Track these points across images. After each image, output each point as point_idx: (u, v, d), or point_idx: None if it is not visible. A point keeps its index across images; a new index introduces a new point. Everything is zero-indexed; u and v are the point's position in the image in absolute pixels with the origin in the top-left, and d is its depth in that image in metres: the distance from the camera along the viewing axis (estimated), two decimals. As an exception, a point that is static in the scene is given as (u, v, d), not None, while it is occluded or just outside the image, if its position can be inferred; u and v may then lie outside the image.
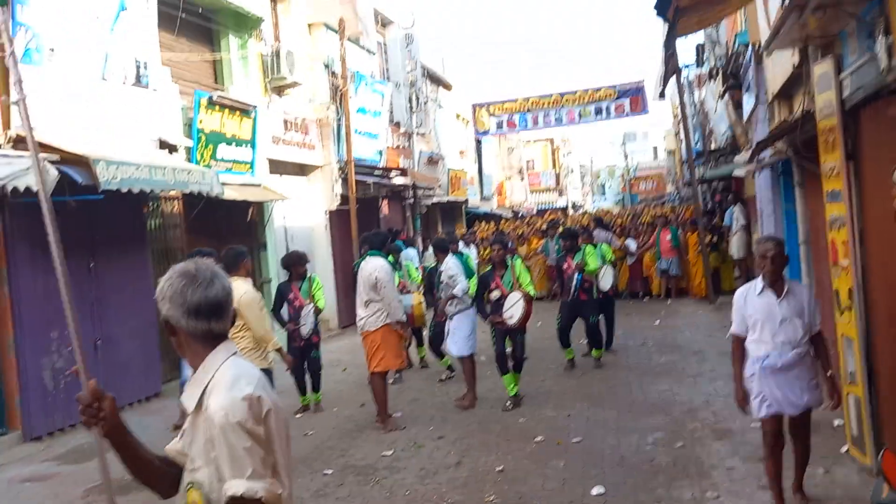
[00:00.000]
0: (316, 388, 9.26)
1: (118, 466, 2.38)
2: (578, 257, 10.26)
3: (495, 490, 6.05)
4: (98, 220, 9.82)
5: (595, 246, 10.82)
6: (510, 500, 5.83)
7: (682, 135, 17.80)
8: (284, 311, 9.01)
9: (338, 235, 17.10)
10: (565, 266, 10.44)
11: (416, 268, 12.47)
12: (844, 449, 6.15)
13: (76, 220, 9.41)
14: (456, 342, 9.04)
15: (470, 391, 8.93)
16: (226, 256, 7.26)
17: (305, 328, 8.90)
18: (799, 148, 6.71)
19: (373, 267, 8.17)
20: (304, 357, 9.03)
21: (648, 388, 9.07)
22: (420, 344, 11.43)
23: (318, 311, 9.07)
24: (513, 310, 8.53)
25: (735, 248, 15.82)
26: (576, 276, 10.22)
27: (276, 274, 13.82)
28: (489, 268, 9.06)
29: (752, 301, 4.99)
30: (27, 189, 7.91)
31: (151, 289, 8.17)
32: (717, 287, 16.22)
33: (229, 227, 13.36)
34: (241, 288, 6.74)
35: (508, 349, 8.84)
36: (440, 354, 10.57)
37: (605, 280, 10.74)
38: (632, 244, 17.78)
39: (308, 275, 9.19)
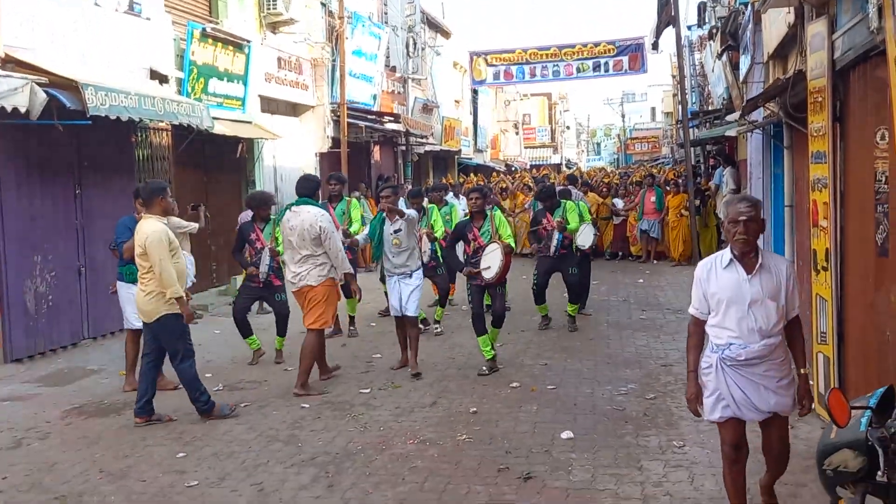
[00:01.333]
0: (281, 333, 8.73)
1: (100, 389, 2.41)
2: (558, 214, 9.77)
3: (467, 430, 6.15)
4: (85, 147, 9.77)
5: (575, 203, 10.36)
6: (481, 440, 5.93)
7: (680, 95, 17.65)
8: (257, 259, 8.60)
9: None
10: (544, 221, 9.95)
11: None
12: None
13: (63, 145, 9.38)
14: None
15: (404, 353, 8.26)
16: (143, 191, 6.78)
17: (262, 269, 8.51)
18: (789, 109, 6.71)
19: (313, 217, 7.28)
20: (264, 300, 8.93)
21: (626, 343, 9.18)
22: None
23: (275, 253, 8.53)
24: (490, 260, 7.91)
25: (723, 211, 15.86)
26: (556, 235, 9.77)
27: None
28: (467, 218, 8.51)
29: (716, 276, 4.02)
30: (14, 110, 7.85)
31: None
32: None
33: (218, 163, 13.31)
34: (151, 227, 6.29)
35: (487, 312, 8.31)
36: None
37: (584, 238, 10.29)
38: (619, 203, 17.53)
39: (272, 217, 8.70)
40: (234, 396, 7.34)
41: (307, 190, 7.53)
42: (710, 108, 21.16)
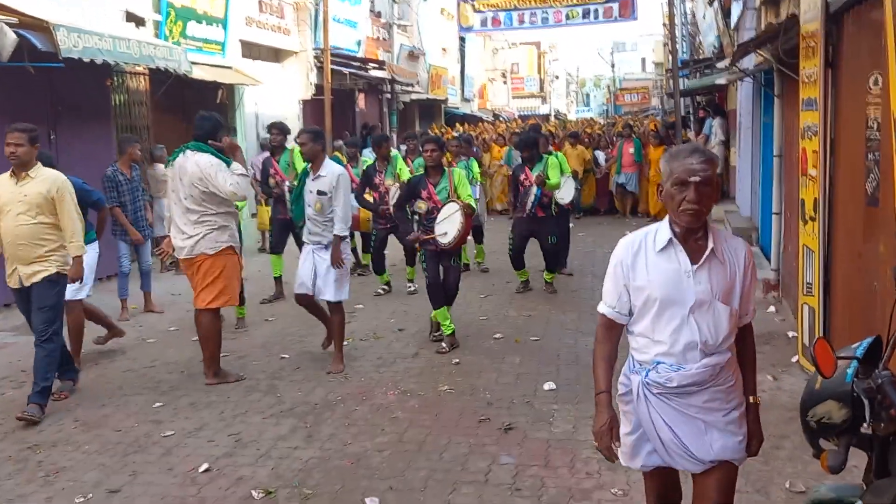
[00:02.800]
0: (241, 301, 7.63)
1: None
2: (538, 168, 8.80)
3: (449, 381, 6.09)
4: (60, 91, 9.52)
5: (556, 156, 9.54)
6: (463, 391, 5.87)
7: (670, 44, 17.37)
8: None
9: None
10: (522, 177, 8.97)
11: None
12: (795, 359, 6.24)
13: (36, 89, 9.12)
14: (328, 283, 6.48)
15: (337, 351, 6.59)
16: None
17: None
18: (781, 55, 6.55)
19: (207, 164, 5.86)
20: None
21: (611, 293, 9.11)
22: (367, 251, 10.32)
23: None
24: (447, 224, 6.83)
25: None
26: (534, 190, 8.82)
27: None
28: (420, 173, 7.50)
29: (646, 263, 2.75)
30: (-18, 52, 7.59)
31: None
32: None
33: (196, 109, 12.93)
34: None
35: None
36: (379, 268, 9.46)
37: (566, 192, 9.50)
38: (600, 156, 16.71)
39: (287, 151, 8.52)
40: (214, 346, 7.23)
41: (201, 131, 6.02)
42: (700, 58, 20.89)
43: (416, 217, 7.28)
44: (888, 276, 4.16)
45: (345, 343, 6.85)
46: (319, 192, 6.35)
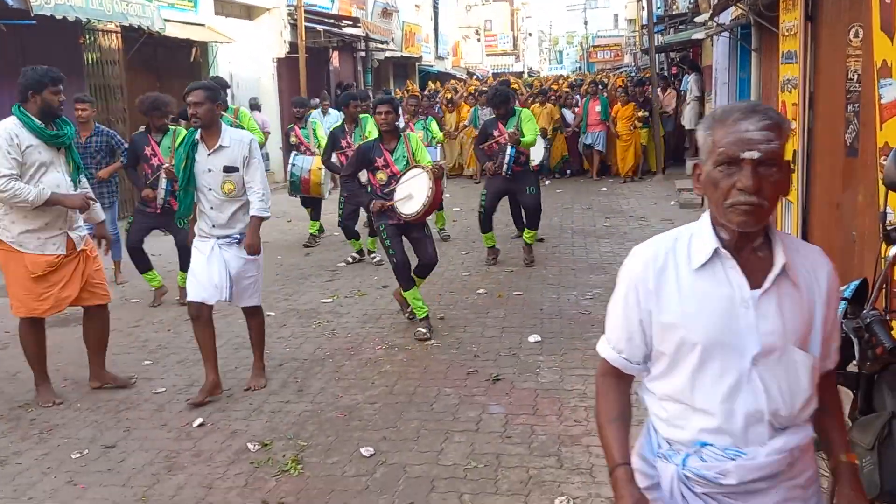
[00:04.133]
0: (184, 267, 6.56)
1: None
2: (512, 125, 8.08)
3: (435, 336, 6.15)
4: (31, 49, 9.34)
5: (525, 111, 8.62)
6: (449, 345, 5.95)
7: (644, 1, 17.31)
8: (154, 179, 6.99)
9: (286, 86, 16.61)
10: (496, 133, 8.24)
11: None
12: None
13: (7, 47, 8.94)
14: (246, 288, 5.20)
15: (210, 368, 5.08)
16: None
17: (160, 193, 6.93)
18: (761, 8, 6.59)
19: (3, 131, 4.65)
20: (163, 228, 7.21)
21: (591, 249, 9.22)
22: (315, 218, 9.98)
23: (171, 175, 6.57)
24: (412, 188, 5.99)
25: (687, 118, 15.78)
26: (509, 149, 8.07)
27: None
28: (373, 138, 6.64)
29: (677, 285, 1.82)
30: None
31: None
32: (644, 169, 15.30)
33: (170, 68, 12.85)
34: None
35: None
36: (351, 234, 8.82)
37: (535, 152, 8.83)
38: (567, 114, 15.97)
39: (171, 128, 7.05)
40: (198, 305, 7.24)
41: (25, 88, 4.75)
42: (675, 13, 20.86)
43: (370, 188, 6.34)
44: (870, 223, 4.27)
45: (328, 301, 6.87)
46: (227, 169, 4.89)
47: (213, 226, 4.97)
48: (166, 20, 10.89)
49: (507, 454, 4.13)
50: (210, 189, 4.92)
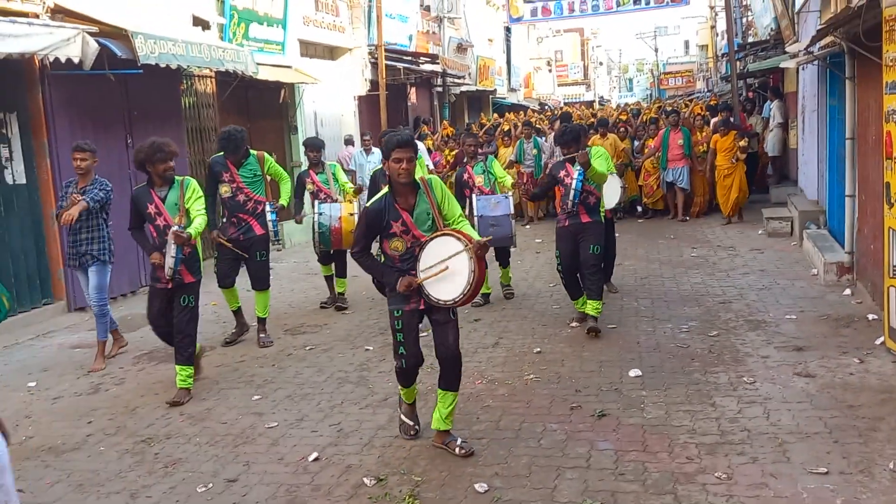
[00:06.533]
0: (182, 360, 5.94)
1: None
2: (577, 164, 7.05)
3: (533, 370, 6.20)
4: (135, 96, 9.82)
5: (597, 148, 7.53)
6: (549, 379, 5.98)
7: (718, 28, 17.19)
8: (162, 242, 5.86)
9: (367, 122, 16.97)
10: (562, 174, 7.24)
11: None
12: (880, 341, 6.23)
13: (114, 95, 9.43)
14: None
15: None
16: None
17: (169, 261, 5.73)
18: (860, 37, 6.51)
19: None
20: (167, 306, 6.04)
21: (681, 280, 9.13)
22: (342, 274, 8.69)
23: (181, 240, 5.66)
24: (444, 262, 4.48)
25: (770, 145, 15.54)
26: (574, 182, 7.04)
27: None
28: (384, 192, 4.67)
29: None
30: (67, 60, 7.87)
31: (186, 166, 8.18)
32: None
33: (260, 109, 13.30)
34: None
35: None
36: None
37: (611, 195, 8.00)
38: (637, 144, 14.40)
39: (177, 179, 5.93)
40: (298, 340, 7.46)
41: None
42: (752, 41, 20.64)
43: (383, 259, 4.87)
44: None
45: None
46: None
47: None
48: (257, 63, 11.30)
49: (622, 492, 4.13)
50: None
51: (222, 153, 7.26)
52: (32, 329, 8.26)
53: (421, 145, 10.21)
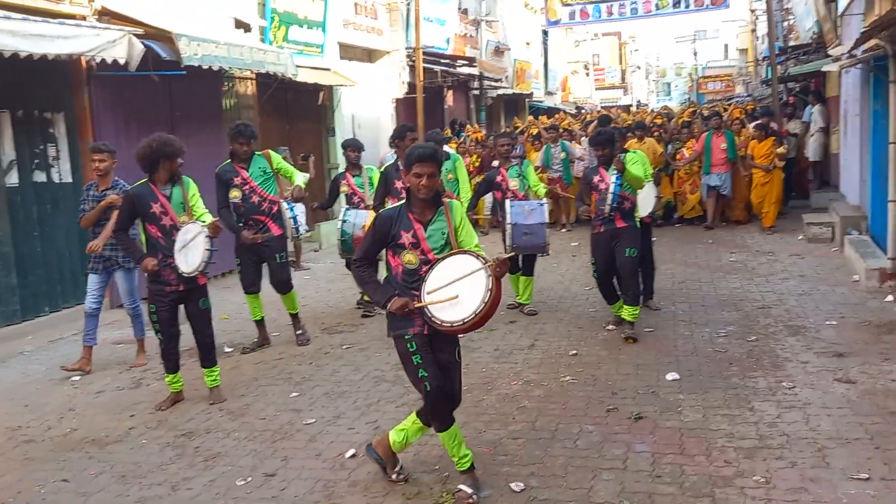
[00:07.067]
0: (208, 362, 5.98)
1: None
2: (613, 170, 6.93)
3: (569, 372, 6.19)
4: (178, 97, 9.98)
5: (634, 152, 7.49)
6: (585, 381, 5.97)
7: (759, 31, 16.99)
8: (168, 244, 5.65)
9: (404, 124, 17.03)
10: (597, 179, 7.19)
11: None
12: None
13: (157, 96, 9.59)
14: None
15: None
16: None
17: (189, 262, 5.57)
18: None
19: None
20: (177, 310, 5.83)
21: (719, 285, 9.05)
22: None
23: (215, 230, 5.59)
24: (455, 283, 4.03)
25: (812, 150, 15.31)
26: (612, 186, 6.97)
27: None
28: (401, 203, 4.33)
29: None
30: (114, 62, 8.03)
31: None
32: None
33: (299, 111, 13.44)
34: None
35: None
36: None
37: (646, 202, 7.77)
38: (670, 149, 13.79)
39: (183, 177, 5.86)
40: (335, 339, 7.53)
41: None
42: (793, 44, 20.37)
43: (388, 271, 4.34)
44: None
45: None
46: None
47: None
48: (297, 66, 11.42)
49: (660, 494, 4.12)
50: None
51: (229, 160, 7.10)
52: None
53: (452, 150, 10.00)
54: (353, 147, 8.46)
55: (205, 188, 6.55)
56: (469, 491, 4.15)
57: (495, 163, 9.23)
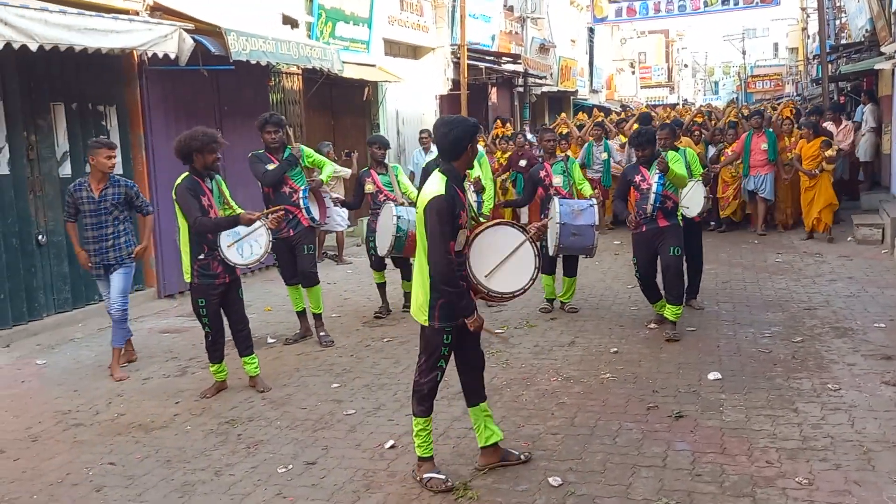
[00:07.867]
0: (248, 350, 6.09)
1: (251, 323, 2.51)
2: (654, 168, 6.92)
3: (609, 369, 6.17)
4: (226, 91, 10.14)
5: (677, 150, 7.61)
6: (625, 379, 5.94)
7: (809, 29, 16.69)
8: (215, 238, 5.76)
9: (448, 121, 17.06)
10: (638, 179, 7.10)
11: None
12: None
13: (206, 90, 9.76)
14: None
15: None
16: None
17: (245, 254, 5.82)
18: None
19: None
20: (225, 301, 5.92)
21: (764, 286, 8.92)
22: (408, 277, 8.15)
23: (277, 222, 5.97)
24: (504, 256, 4.30)
25: (863, 150, 14.99)
26: (654, 186, 6.92)
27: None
28: (443, 179, 4.16)
29: None
30: (165, 56, 8.19)
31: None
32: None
33: (344, 106, 13.55)
34: None
35: None
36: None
37: (692, 201, 7.69)
38: (711, 152, 12.99)
39: (215, 175, 5.89)
40: (376, 332, 7.60)
41: None
42: (845, 42, 19.98)
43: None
44: None
45: (499, 331, 6.96)
46: None
47: None
48: (343, 62, 11.52)
49: (699, 492, 4.09)
50: None
51: (262, 150, 7.11)
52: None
53: (480, 147, 9.96)
54: (381, 144, 8.15)
55: (251, 179, 7.05)
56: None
57: (523, 162, 9.15)
